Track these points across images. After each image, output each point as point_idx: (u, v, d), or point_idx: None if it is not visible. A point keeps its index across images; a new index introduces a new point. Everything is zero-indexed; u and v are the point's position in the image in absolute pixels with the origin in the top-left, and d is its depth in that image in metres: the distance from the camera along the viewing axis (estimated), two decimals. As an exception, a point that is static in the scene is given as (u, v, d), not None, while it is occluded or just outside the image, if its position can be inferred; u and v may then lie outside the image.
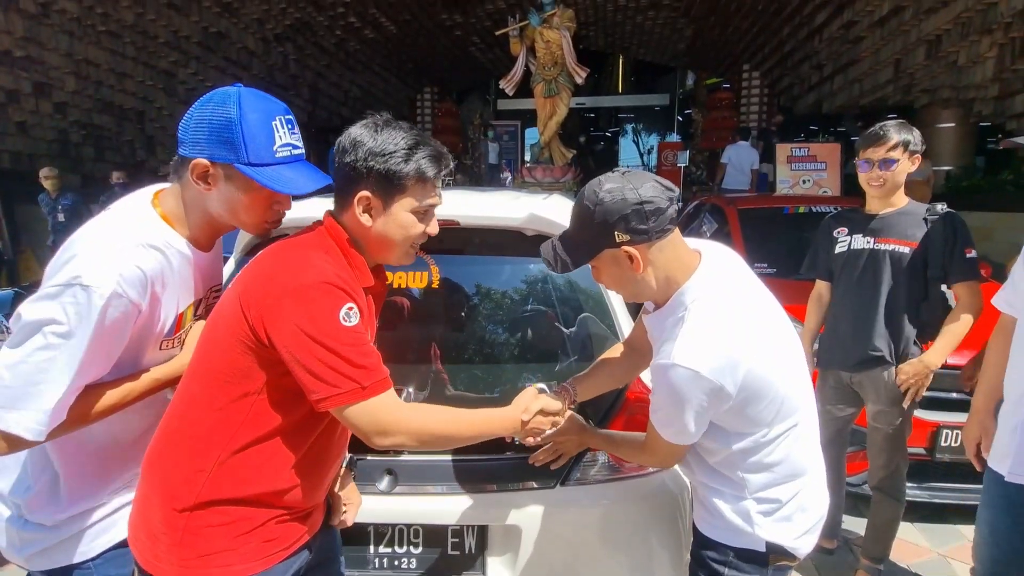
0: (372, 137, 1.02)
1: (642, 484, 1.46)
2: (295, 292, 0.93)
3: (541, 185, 7.50)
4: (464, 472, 1.42)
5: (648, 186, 1.01)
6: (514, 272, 1.65)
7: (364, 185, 1.03)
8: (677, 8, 9.53)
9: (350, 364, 0.93)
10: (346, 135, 1.04)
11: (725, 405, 1.02)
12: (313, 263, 0.97)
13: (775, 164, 6.38)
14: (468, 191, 2.18)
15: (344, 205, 1.05)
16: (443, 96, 13.46)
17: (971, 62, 6.25)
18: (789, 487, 1.11)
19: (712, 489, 1.15)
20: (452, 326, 1.63)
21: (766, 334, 1.06)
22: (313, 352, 0.92)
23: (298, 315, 0.92)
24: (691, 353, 0.98)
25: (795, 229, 3.91)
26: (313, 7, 8.71)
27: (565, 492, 1.42)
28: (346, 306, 0.94)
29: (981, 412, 1.58)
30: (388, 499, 1.40)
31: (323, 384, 0.92)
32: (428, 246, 1.61)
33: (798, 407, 1.10)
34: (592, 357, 1.60)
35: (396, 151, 1.01)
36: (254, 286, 0.96)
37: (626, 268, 1.05)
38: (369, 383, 0.95)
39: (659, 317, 1.11)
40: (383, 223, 1.05)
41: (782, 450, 1.09)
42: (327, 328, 0.92)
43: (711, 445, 1.11)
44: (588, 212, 1.03)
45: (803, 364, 1.15)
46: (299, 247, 1.02)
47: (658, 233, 1.02)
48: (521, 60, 7.78)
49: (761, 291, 1.14)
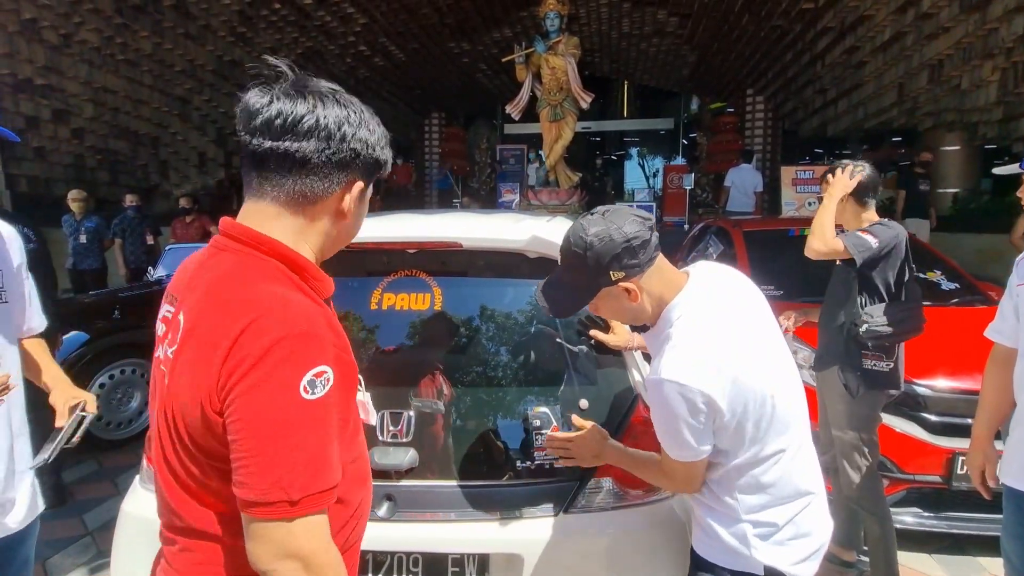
0: (349, 113, 0.81)
1: (649, 512, 1.43)
2: (260, 353, 0.70)
3: (547, 208, 7.55)
4: (465, 498, 1.39)
5: (629, 222, 1.07)
6: (517, 295, 1.64)
7: (359, 172, 0.83)
8: (680, 36, 9.70)
9: (288, 464, 0.70)
10: (300, 112, 0.77)
11: (720, 416, 1.02)
12: (276, 303, 0.74)
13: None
14: (470, 213, 2.19)
15: (307, 198, 0.80)
16: (450, 121, 13.69)
17: (974, 86, 6.28)
18: (786, 509, 1.09)
19: (707, 508, 1.14)
20: (454, 349, 1.61)
21: (754, 346, 1.08)
22: (248, 437, 0.70)
23: (250, 383, 0.70)
24: (676, 367, 1.01)
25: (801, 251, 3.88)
26: (324, 36, 8.95)
27: (569, 520, 1.39)
28: (313, 371, 0.71)
29: (983, 439, 1.60)
30: (387, 526, 1.37)
31: (245, 486, 0.70)
32: (431, 268, 1.63)
33: (791, 424, 1.10)
34: (596, 380, 1.58)
35: (382, 133, 0.86)
36: (209, 351, 0.73)
37: (624, 300, 1.09)
38: (301, 497, 0.70)
39: (653, 335, 1.15)
40: (355, 215, 0.87)
41: (777, 470, 1.08)
42: (278, 403, 0.70)
43: (710, 460, 1.10)
44: (579, 257, 1.07)
45: (797, 382, 1.15)
46: (246, 281, 0.76)
47: (648, 263, 1.07)
48: (527, 86, 7.91)
49: (755, 307, 1.15)
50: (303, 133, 0.77)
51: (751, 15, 7.95)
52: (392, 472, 1.40)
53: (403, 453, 1.42)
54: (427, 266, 1.60)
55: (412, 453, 1.42)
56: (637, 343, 1.56)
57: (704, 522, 1.15)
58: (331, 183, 0.81)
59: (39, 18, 6.59)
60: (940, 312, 2.97)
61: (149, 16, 7.25)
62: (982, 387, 1.65)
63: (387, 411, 1.46)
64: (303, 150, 0.78)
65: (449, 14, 8.90)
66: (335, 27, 8.68)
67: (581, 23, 9.34)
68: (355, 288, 1.62)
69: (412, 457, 1.41)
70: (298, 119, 0.77)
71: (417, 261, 1.60)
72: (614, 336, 1.55)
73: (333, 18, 8.44)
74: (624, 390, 1.54)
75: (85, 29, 6.94)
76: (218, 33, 8.28)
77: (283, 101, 0.77)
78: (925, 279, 3.44)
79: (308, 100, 0.78)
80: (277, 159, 0.78)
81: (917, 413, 2.48)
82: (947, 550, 2.51)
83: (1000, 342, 1.58)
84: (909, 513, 2.46)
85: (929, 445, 2.42)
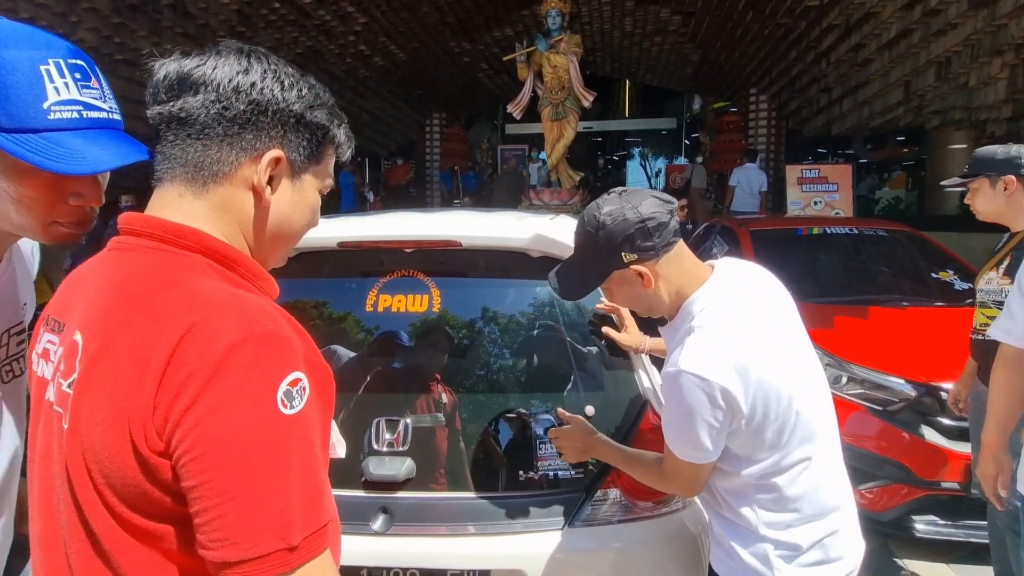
0: (252, 63, 0.66)
1: (659, 525, 1.35)
2: (215, 362, 0.54)
3: (549, 207, 7.49)
4: (465, 512, 1.32)
5: (647, 203, 1.01)
6: (519, 295, 1.57)
7: (275, 140, 0.66)
8: (683, 34, 9.63)
9: (280, 502, 0.54)
10: (187, 66, 0.65)
11: (738, 416, 0.95)
12: (224, 299, 0.59)
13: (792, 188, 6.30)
14: (470, 211, 2.13)
15: (203, 172, 0.65)
16: (451, 121, 13.65)
17: (982, 83, 6.20)
18: (811, 529, 1.01)
19: (725, 523, 1.07)
20: (453, 353, 1.54)
21: (781, 348, 1.01)
22: (218, 477, 0.53)
23: (209, 403, 0.54)
24: (697, 358, 0.95)
25: (809, 250, 3.82)
26: (324, 35, 8.90)
27: (573, 534, 1.31)
28: (288, 378, 0.56)
29: (995, 447, 1.54)
30: (383, 540, 1.30)
31: (224, 544, 0.53)
32: (429, 269, 1.56)
33: (818, 432, 1.02)
34: (603, 385, 1.51)
35: (327, 100, 0.71)
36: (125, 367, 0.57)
37: (637, 286, 1.04)
38: (301, 539, 0.55)
39: (671, 329, 1.09)
40: (290, 201, 0.69)
41: (802, 483, 1.00)
42: (253, 424, 0.54)
43: (723, 467, 1.03)
44: (591, 237, 1.02)
45: (825, 389, 1.07)
46: (173, 280, 0.60)
47: (664, 247, 1.01)
48: (528, 85, 7.85)
49: (783, 307, 1.09)
50: (187, 87, 0.64)
51: (755, 13, 7.88)
52: (388, 483, 1.33)
53: (399, 463, 1.34)
54: (425, 266, 1.53)
55: (409, 463, 1.35)
56: (649, 346, 1.48)
57: (722, 539, 1.07)
58: (232, 151, 0.64)
59: (36, 17, 6.54)
60: (954, 313, 2.90)
61: (147, 15, 7.21)
62: (990, 391, 1.58)
63: (383, 418, 1.39)
64: (187, 107, 0.63)
65: (450, 13, 8.85)
66: (335, 26, 8.63)
67: (583, 22, 9.29)
68: (349, 289, 1.55)
69: (409, 467, 1.34)
70: (184, 74, 0.64)
71: (415, 261, 1.53)
72: (626, 335, 1.48)
73: (333, 17, 8.39)
74: (633, 396, 1.47)
75: (83, 28, 6.90)
76: (217, 33, 8.23)
77: (177, 61, 0.65)
78: (938, 279, 3.37)
79: (203, 56, 0.66)
80: (167, 126, 0.65)
81: (934, 417, 2.40)
82: (965, 559, 2.43)
83: (1009, 343, 1.52)
84: (925, 521, 2.38)
85: (946, 451, 2.33)
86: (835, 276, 3.63)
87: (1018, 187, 1.87)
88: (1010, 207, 1.90)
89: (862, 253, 3.81)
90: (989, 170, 1.92)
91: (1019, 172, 1.87)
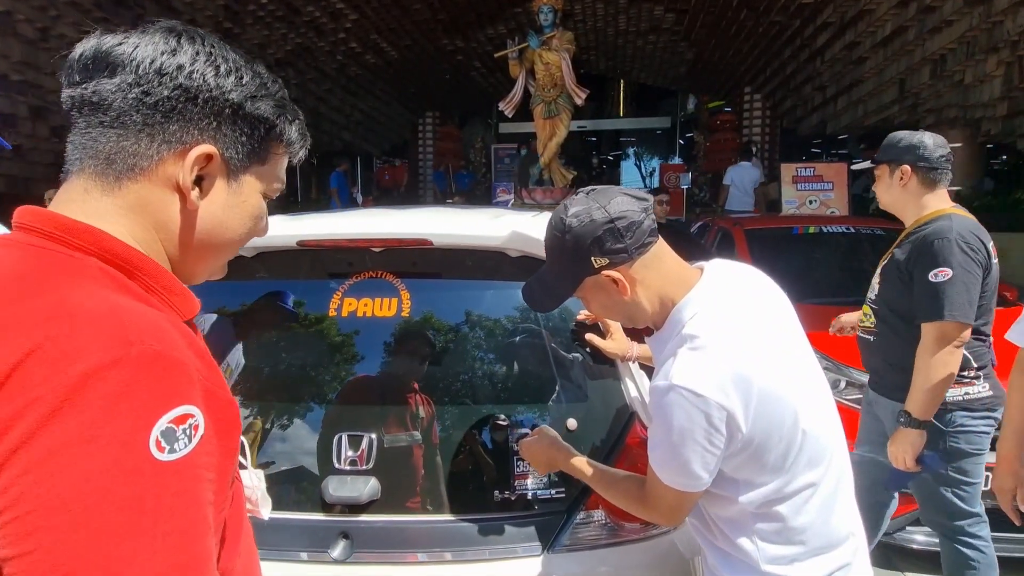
0: (181, 43, 0.57)
1: (646, 549, 1.24)
2: (66, 390, 0.43)
3: (541, 206, 7.39)
4: (433, 536, 1.21)
5: (617, 201, 0.90)
6: (497, 299, 1.46)
7: (205, 133, 0.57)
8: (678, 32, 9.57)
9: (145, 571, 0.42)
10: (107, 44, 0.56)
11: (737, 438, 0.84)
12: (91, 310, 0.47)
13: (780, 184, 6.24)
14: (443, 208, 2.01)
15: (115, 166, 0.56)
16: (444, 120, 13.55)
17: (977, 81, 6.16)
18: (821, 563, 0.90)
19: (720, 555, 0.96)
20: (423, 360, 1.43)
21: (783, 356, 0.90)
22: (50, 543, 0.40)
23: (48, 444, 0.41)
24: (692, 371, 0.83)
25: (805, 250, 3.74)
26: (314, 32, 8.77)
27: (553, 560, 1.20)
28: (173, 412, 0.45)
29: (1012, 459, 1.45)
30: (342, 569, 1.18)
31: None
32: (398, 270, 1.45)
33: (826, 452, 0.91)
34: (587, 392, 1.41)
35: (275, 92, 0.63)
36: None
37: (613, 293, 0.93)
38: None
39: (659, 340, 0.97)
40: (225, 205, 0.60)
41: (808, 512, 0.89)
42: (106, 475, 0.42)
43: (718, 492, 0.92)
44: (559, 242, 0.92)
45: (831, 404, 0.96)
46: (36, 285, 0.49)
47: (638, 249, 0.90)
48: (520, 82, 7.76)
49: (782, 313, 0.98)
50: (103, 67, 0.54)
51: (749, 10, 7.82)
52: (350, 505, 1.22)
53: (362, 483, 1.23)
54: (394, 267, 1.41)
55: (373, 483, 1.23)
56: (636, 353, 1.37)
57: (717, 571, 0.96)
58: (153, 143, 0.55)
59: (14, 11, 6.40)
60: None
61: (130, 10, 7.06)
62: (1008, 398, 1.49)
63: (346, 433, 1.28)
64: (101, 90, 0.54)
65: (442, 10, 8.74)
66: (325, 23, 8.51)
67: (576, 20, 9.20)
68: (312, 291, 1.44)
69: (373, 488, 1.23)
70: (102, 52, 0.55)
71: (383, 261, 1.42)
72: (612, 342, 1.37)
73: (323, 13, 8.26)
74: (619, 407, 1.36)
75: (63, 23, 6.75)
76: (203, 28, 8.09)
77: (97, 38, 0.56)
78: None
79: (127, 34, 0.57)
80: (78, 111, 0.56)
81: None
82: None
83: None
84: (924, 532, 2.28)
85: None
86: (832, 276, 3.54)
87: (912, 178, 1.73)
88: (904, 198, 1.76)
89: (859, 252, 3.73)
90: (891, 157, 1.77)
91: (917, 163, 1.72)
